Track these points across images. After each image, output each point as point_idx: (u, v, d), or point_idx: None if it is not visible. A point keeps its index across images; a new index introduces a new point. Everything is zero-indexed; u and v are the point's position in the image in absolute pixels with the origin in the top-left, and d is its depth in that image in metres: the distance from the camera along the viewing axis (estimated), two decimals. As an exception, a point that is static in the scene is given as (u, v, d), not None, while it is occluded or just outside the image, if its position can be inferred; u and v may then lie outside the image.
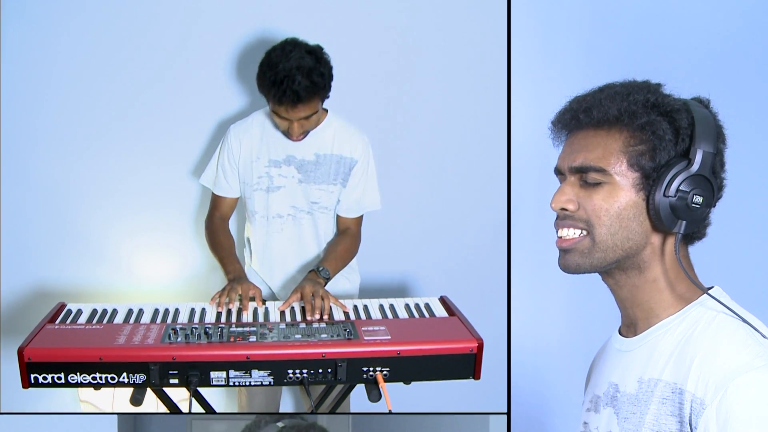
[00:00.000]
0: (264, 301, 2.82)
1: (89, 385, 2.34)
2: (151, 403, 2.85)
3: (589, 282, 1.74)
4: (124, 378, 2.33)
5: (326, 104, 3.09)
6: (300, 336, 2.46)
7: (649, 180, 1.57)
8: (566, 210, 1.62)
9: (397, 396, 2.42)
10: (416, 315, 2.71)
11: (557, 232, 1.66)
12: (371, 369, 2.40)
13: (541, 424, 3.28)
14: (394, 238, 3.63)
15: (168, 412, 2.63)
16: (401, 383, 2.47)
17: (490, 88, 3.43)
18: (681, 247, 1.62)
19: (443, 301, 2.82)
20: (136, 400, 2.39)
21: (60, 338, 2.44)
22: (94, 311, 2.68)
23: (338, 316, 2.69)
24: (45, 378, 2.32)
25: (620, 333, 1.74)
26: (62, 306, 2.72)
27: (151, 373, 2.32)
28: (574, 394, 3.08)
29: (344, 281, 3.19)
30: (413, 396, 2.75)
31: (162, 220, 3.55)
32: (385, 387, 2.38)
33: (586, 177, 1.60)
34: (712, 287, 1.62)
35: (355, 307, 2.78)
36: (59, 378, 2.33)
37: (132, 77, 3.40)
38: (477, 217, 3.65)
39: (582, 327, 3.15)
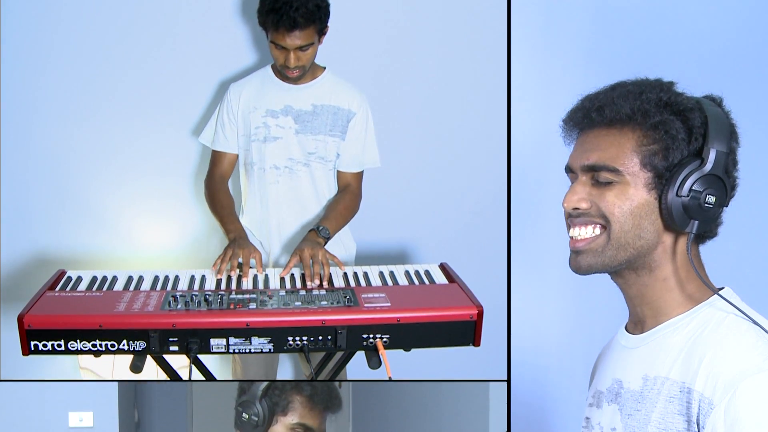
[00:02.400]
0: (264, 267, 2.83)
1: (89, 352, 2.34)
2: (151, 370, 2.86)
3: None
4: (124, 345, 2.33)
5: (328, 66, 3.13)
6: (300, 303, 2.46)
7: (662, 179, 1.56)
8: (579, 209, 1.61)
9: (397, 363, 2.42)
10: (416, 282, 2.71)
11: (570, 230, 1.65)
12: (371, 336, 2.40)
13: (541, 391, 3.29)
14: (394, 205, 3.62)
15: (168, 379, 2.64)
16: (401, 350, 2.47)
17: (490, 56, 3.42)
18: (692, 247, 1.61)
19: (443, 268, 2.82)
20: (136, 367, 2.39)
21: (60, 305, 2.44)
22: (94, 278, 2.68)
23: (338, 282, 2.69)
24: (45, 345, 2.32)
25: (626, 329, 1.73)
26: (62, 273, 2.72)
27: (151, 340, 2.32)
28: (573, 362, 3.09)
29: (341, 249, 3.19)
30: (413, 363, 2.76)
31: (162, 186, 3.54)
32: (385, 354, 2.38)
33: (598, 176, 1.59)
34: (722, 288, 1.61)
35: (355, 274, 2.78)
36: (59, 345, 2.33)
37: (132, 42, 3.39)
38: (477, 184, 3.65)
39: (583, 301, 3.15)
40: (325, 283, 2.66)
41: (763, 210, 3.12)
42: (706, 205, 1.54)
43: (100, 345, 2.33)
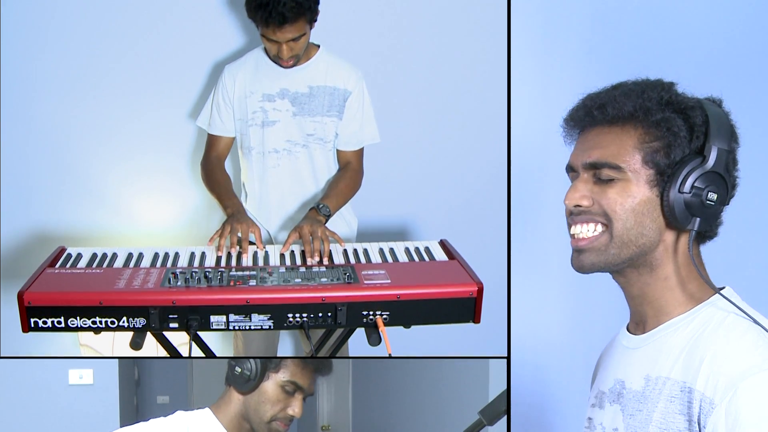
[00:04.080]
0: (264, 244, 2.83)
1: (89, 329, 2.34)
2: (151, 347, 2.86)
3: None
4: (123, 322, 2.33)
5: (324, 42, 3.12)
6: (300, 280, 2.46)
7: (663, 177, 1.56)
8: (581, 206, 1.62)
9: (397, 340, 2.42)
10: (416, 259, 2.71)
11: (571, 228, 1.65)
12: (371, 313, 2.40)
13: (542, 368, 3.29)
14: (394, 182, 3.62)
15: (168, 356, 2.64)
16: (401, 327, 2.47)
17: (490, 32, 3.40)
18: (693, 246, 1.61)
19: (443, 244, 2.81)
20: (136, 344, 2.40)
21: (60, 282, 2.45)
22: (94, 255, 2.67)
23: (338, 259, 2.69)
24: (45, 322, 2.32)
25: (628, 330, 1.73)
26: (62, 250, 2.71)
27: (151, 317, 2.32)
28: (574, 340, 3.09)
29: (343, 225, 3.20)
30: (413, 340, 2.76)
31: (162, 163, 3.54)
32: (385, 331, 2.38)
33: (599, 174, 1.59)
34: (723, 287, 1.61)
35: (355, 250, 2.78)
36: (59, 322, 2.33)
37: (130, 20, 3.37)
38: (477, 161, 3.64)
39: (583, 287, 3.14)
40: (325, 260, 2.66)
41: (764, 209, 3.12)
42: (708, 202, 1.55)
43: (100, 322, 2.33)
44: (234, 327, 2.37)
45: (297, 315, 2.38)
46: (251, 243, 2.81)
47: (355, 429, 5.02)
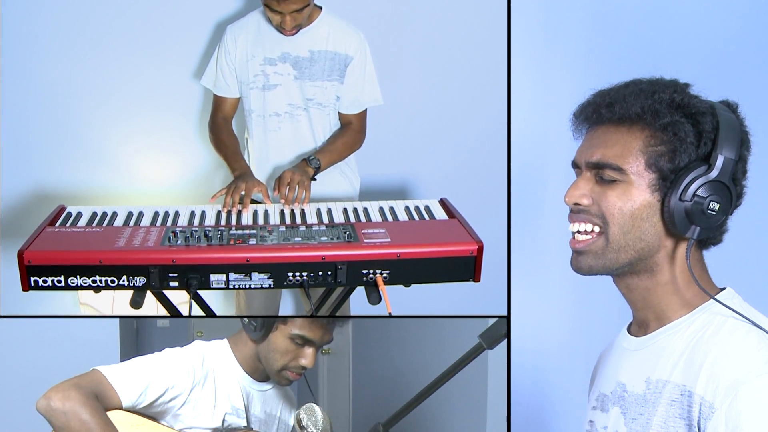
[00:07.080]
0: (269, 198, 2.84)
1: (89, 288, 2.34)
2: (151, 306, 2.87)
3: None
4: (123, 281, 2.34)
5: (326, 3, 3.10)
6: (300, 239, 2.46)
7: (666, 182, 1.53)
8: (580, 205, 1.60)
9: (397, 299, 2.42)
10: (416, 217, 2.71)
11: (571, 225, 1.64)
12: (371, 272, 2.41)
13: (541, 326, 3.30)
14: (394, 141, 3.61)
15: (168, 315, 2.65)
16: (401, 286, 2.48)
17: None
18: (694, 252, 1.59)
19: (443, 203, 2.81)
20: (136, 302, 2.40)
21: (60, 241, 2.45)
22: (94, 214, 2.67)
23: (338, 218, 2.69)
24: (45, 281, 2.32)
25: (629, 331, 1.72)
26: (62, 209, 2.71)
27: (151, 276, 2.33)
28: (573, 301, 3.09)
29: (346, 184, 3.20)
30: (413, 299, 2.77)
31: (162, 122, 3.53)
32: (384, 290, 2.38)
33: (602, 173, 1.57)
34: (724, 288, 1.60)
35: (355, 209, 2.77)
36: (59, 281, 2.33)
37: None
38: (477, 119, 3.64)
39: (583, 279, 3.14)
40: (297, 206, 2.76)
41: (765, 209, 3.11)
42: (709, 211, 1.52)
43: (100, 281, 2.33)
44: (234, 286, 2.38)
45: (297, 274, 2.38)
46: (255, 201, 2.81)
47: (354, 351, 5.04)
